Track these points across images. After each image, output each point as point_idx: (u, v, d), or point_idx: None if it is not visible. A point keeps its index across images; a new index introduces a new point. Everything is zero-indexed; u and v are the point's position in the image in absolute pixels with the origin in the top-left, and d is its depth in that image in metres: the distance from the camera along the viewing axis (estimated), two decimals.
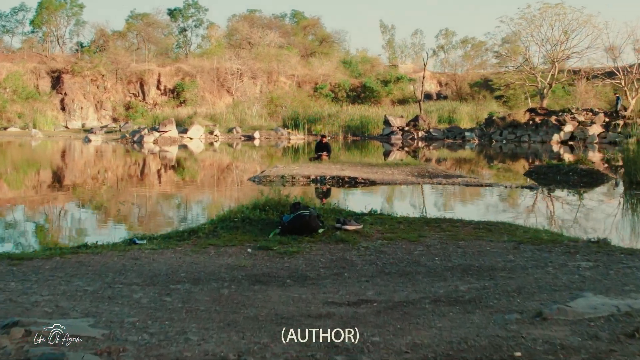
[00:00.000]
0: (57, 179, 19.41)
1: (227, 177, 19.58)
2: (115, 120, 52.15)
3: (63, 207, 13.49)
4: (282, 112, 48.50)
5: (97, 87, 53.63)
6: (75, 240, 8.34)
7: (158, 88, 55.22)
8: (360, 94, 58.63)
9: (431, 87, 64.35)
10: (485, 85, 59.91)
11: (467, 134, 38.40)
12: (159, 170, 21.99)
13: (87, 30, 66.32)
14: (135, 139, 35.44)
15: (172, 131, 36.05)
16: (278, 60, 58.15)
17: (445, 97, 60.14)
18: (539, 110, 38.13)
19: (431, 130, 39.77)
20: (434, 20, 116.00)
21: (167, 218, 11.46)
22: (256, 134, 39.91)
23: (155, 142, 35.62)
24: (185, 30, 64.17)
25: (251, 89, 56.77)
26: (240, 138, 39.98)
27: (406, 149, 36.73)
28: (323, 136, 20.43)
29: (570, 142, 35.90)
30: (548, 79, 40.89)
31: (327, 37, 68.74)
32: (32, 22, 57.33)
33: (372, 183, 16.29)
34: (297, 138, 40.76)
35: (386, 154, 34.14)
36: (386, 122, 40.49)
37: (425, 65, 44.16)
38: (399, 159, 23.14)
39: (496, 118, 37.96)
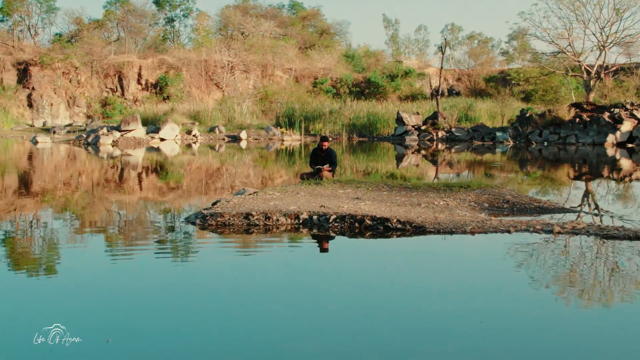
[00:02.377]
0: None
1: (162, 210, 11.05)
2: (90, 117, 43.82)
3: None
4: (276, 108, 40.12)
5: (70, 81, 45.21)
6: None
7: (139, 82, 46.78)
8: (365, 90, 50.25)
9: (437, 83, 55.93)
10: (502, 80, 51.81)
11: (498, 134, 30.01)
12: (71, 193, 13.60)
13: (60, 18, 57.69)
14: (89, 140, 27.08)
15: (138, 130, 27.69)
16: (273, 52, 49.74)
17: (458, 94, 51.79)
18: (585, 106, 29.76)
19: (453, 129, 31.41)
20: (438, 16, 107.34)
21: None
22: (243, 134, 31.57)
23: (115, 143, 27.28)
24: (172, 20, 55.71)
25: (243, 84, 48.37)
26: (223, 139, 31.65)
27: (423, 152, 28.48)
28: (324, 139, 11.81)
29: (630, 145, 27.56)
30: (595, 68, 32.35)
31: (327, 28, 60.17)
32: (0, 9, 48.84)
33: (419, 230, 7.98)
34: (292, 139, 32.43)
35: (400, 157, 25.93)
36: (399, 120, 32.13)
37: (443, 53, 35.92)
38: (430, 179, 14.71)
39: (534, 115, 29.56)
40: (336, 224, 8.27)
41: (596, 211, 9.80)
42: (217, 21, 55.95)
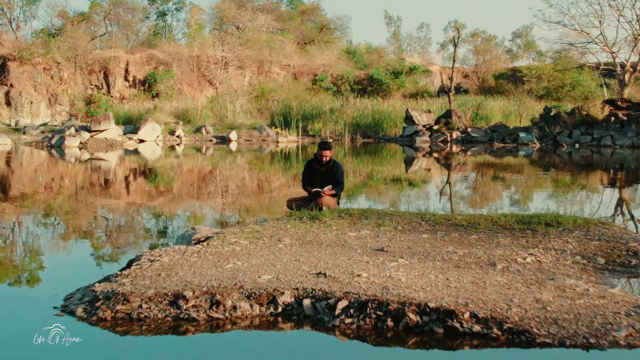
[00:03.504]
0: None
1: (42, 275, 6.59)
2: (73, 116, 39.65)
3: None
4: (272, 106, 35.91)
5: (52, 78, 41.01)
6: None
7: (126, 79, 42.55)
8: (367, 87, 46.05)
9: (441, 81, 51.76)
10: (513, 78, 47.91)
11: (521, 135, 25.78)
12: None
13: (41, 10, 53.47)
14: (53, 142, 22.87)
15: (110, 131, 23.47)
16: (270, 48, 45.47)
17: (466, 91, 47.57)
18: (619, 103, 25.56)
19: (469, 129, 27.20)
20: (440, 13, 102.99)
21: None
22: (232, 135, 27.35)
23: (82, 146, 23.08)
24: (164, 14, 51.43)
25: (238, 81, 44.14)
26: (210, 140, 27.45)
27: (438, 154, 24.35)
28: (324, 146, 7.39)
29: None
30: (629, 61, 28.03)
31: (327, 23, 55.80)
32: None
33: (519, 338, 3.76)
34: (289, 140, 28.20)
35: (409, 161, 21.90)
36: (408, 119, 27.90)
37: (455, 46, 31.59)
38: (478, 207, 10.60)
39: (562, 113, 25.36)
40: (349, 320, 4.07)
41: None
42: (212, 15, 51.73)
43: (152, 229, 8.38)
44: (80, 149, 22.79)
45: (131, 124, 29.37)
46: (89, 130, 23.29)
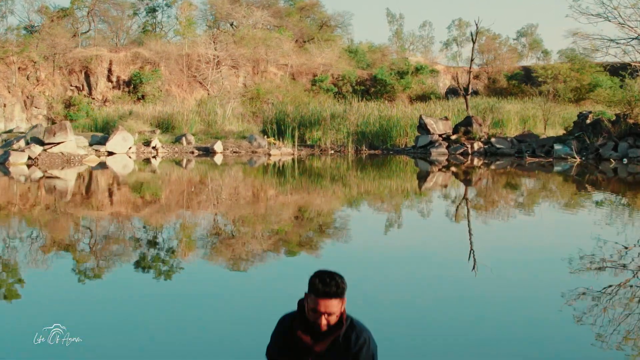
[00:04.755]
0: None
1: None
2: (51, 120, 35.21)
3: None
4: (266, 110, 31.36)
5: (27, 78, 36.52)
6: None
7: (109, 79, 38.01)
8: (370, 89, 41.57)
9: (445, 82, 47.20)
10: (526, 78, 43.54)
11: (556, 146, 21.21)
12: None
13: (18, 6, 48.89)
14: None
15: (67, 143, 18.94)
16: (267, 46, 40.92)
17: (476, 93, 42.98)
18: None
19: (493, 140, 22.66)
20: (443, 11, 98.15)
21: None
22: (217, 146, 22.78)
23: (33, 162, 18.54)
24: (154, 10, 46.76)
25: (232, 82, 39.59)
26: (192, 152, 22.90)
27: (454, 168, 19.94)
28: (324, 288, 2.54)
29: None
30: None
31: (328, 20, 51.11)
32: None
33: None
34: (282, 152, 23.62)
35: (423, 177, 17.58)
36: (422, 127, 23.34)
37: (474, 42, 27.05)
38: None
39: (605, 121, 20.83)
40: None
41: None
42: (204, 10, 47.11)
43: None
44: (29, 166, 18.28)
45: (105, 131, 25.01)
46: (42, 143, 18.77)
